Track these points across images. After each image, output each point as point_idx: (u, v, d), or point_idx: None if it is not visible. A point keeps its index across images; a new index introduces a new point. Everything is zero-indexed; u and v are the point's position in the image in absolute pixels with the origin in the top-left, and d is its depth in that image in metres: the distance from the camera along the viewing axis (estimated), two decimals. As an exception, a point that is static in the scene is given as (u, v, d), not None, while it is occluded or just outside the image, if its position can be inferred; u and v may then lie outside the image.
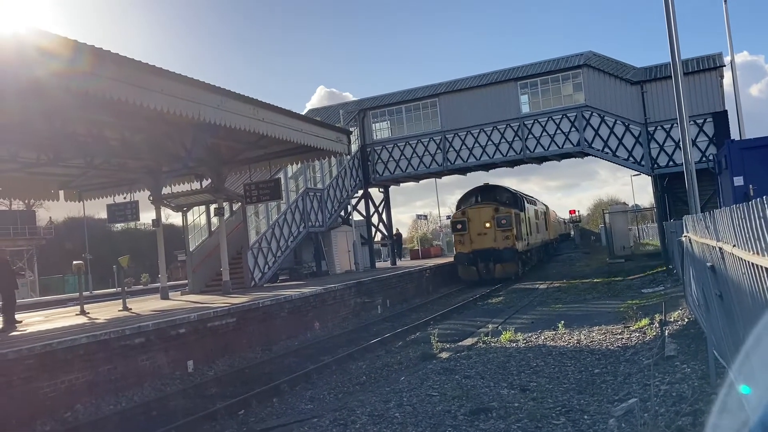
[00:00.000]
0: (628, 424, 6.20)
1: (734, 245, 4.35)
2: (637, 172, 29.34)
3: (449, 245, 37.43)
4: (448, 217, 39.11)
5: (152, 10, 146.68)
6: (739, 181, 14.99)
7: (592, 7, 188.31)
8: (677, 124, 14.78)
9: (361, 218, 32.37)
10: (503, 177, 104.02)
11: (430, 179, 35.20)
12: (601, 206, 70.81)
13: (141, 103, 11.62)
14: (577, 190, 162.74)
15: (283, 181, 21.72)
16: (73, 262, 15.98)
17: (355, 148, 28.85)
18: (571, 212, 72.77)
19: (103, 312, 15.95)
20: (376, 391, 8.92)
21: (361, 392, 9.42)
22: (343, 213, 29.80)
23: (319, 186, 26.97)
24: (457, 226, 27.32)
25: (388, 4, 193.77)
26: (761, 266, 3.55)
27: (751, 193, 13.83)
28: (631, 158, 25.96)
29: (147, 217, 22.51)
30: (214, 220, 22.31)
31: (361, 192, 31.77)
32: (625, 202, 60.69)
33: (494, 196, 28.82)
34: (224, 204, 21.08)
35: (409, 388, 8.75)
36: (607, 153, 26.37)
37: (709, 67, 24.53)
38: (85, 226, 49.54)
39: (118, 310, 15.50)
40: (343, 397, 9.41)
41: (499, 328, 13.69)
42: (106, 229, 57.86)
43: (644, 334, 11.20)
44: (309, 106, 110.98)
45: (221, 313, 13.24)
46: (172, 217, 46.25)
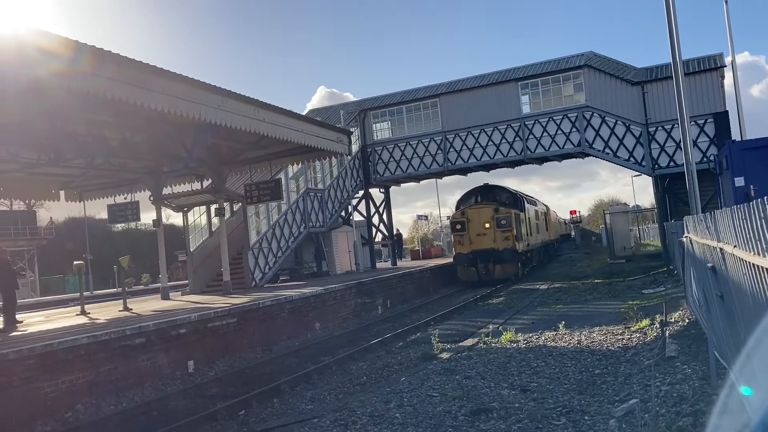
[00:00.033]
0: (629, 425, 6.19)
1: (735, 246, 4.35)
2: (637, 173, 29.32)
3: (450, 246, 37.38)
4: (449, 218, 39.08)
5: (152, 11, 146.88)
6: (740, 182, 15.00)
7: (593, 8, 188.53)
8: (678, 125, 14.80)
9: (362, 218, 32.39)
10: (504, 177, 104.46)
11: (431, 180, 35.19)
12: (602, 207, 70.77)
13: (142, 104, 11.62)
14: (578, 190, 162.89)
15: (283, 182, 21.71)
16: (74, 263, 15.99)
17: (355, 148, 28.87)
18: (571, 213, 72.95)
19: (104, 312, 15.96)
20: (377, 392, 8.92)
21: (361, 393, 9.42)
22: (343, 213, 29.80)
23: (320, 186, 26.96)
24: (457, 227, 27.22)
25: (388, 4, 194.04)
26: (762, 267, 3.55)
27: (752, 194, 13.82)
28: (632, 159, 25.95)
29: (147, 217, 22.52)
30: (215, 221, 22.32)
31: (361, 192, 31.78)
32: (625, 203, 60.71)
33: (494, 197, 28.67)
34: (225, 204, 21.09)
35: (410, 388, 8.74)
36: (608, 153, 26.37)
37: (710, 68, 24.52)
38: (85, 227, 49.58)
39: (119, 311, 15.51)
40: (343, 397, 9.40)
41: (500, 329, 13.67)
42: (107, 230, 57.91)
43: (645, 334, 11.20)
44: (309, 106, 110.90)
45: (222, 313, 13.24)
46: (173, 218, 46.22)
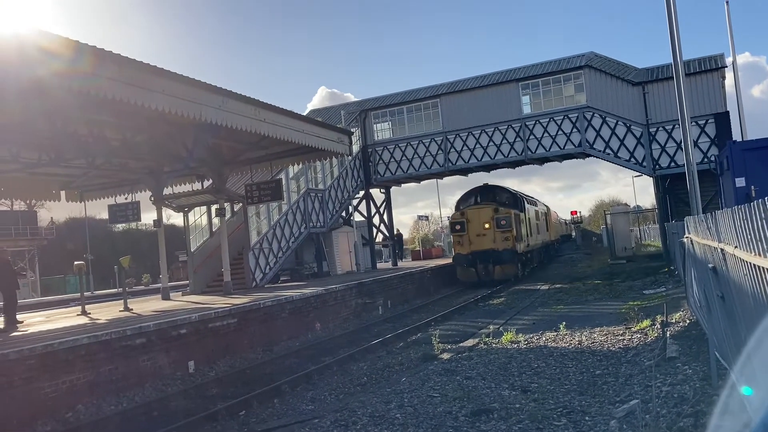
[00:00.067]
0: (630, 426, 6.19)
1: (736, 246, 4.35)
2: (638, 173, 29.32)
3: (450, 246, 37.38)
4: (449, 218, 39.08)
5: (152, 11, 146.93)
6: (740, 182, 15.01)
7: (594, 8, 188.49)
8: (679, 125, 14.79)
9: (363, 219, 32.38)
10: (504, 178, 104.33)
11: (432, 180, 35.19)
12: (603, 207, 70.75)
13: (142, 104, 11.63)
14: (579, 191, 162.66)
15: (284, 182, 21.71)
16: (75, 263, 15.98)
17: (356, 148, 28.88)
18: (572, 213, 72.91)
19: (105, 312, 15.96)
20: (377, 392, 8.91)
21: (362, 393, 9.41)
22: (344, 214, 29.81)
23: (321, 186, 26.96)
24: (456, 227, 27.14)
25: (389, 4, 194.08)
26: (763, 267, 3.55)
27: (753, 195, 13.82)
28: (633, 159, 25.94)
29: (148, 217, 22.46)
30: (216, 221, 22.32)
31: (362, 193, 31.78)
32: (626, 203, 60.68)
33: (494, 197, 28.58)
34: (225, 204, 21.09)
35: (410, 389, 8.74)
36: (609, 154, 26.36)
37: (711, 68, 24.52)
38: (86, 227, 49.59)
39: (120, 311, 15.51)
40: (344, 397, 9.40)
41: (501, 329, 13.67)
42: (108, 230, 57.94)
43: (646, 335, 11.19)
44: (310, 106, 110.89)
45: (222, 313, 13.24)
46: (174, 218, 46.30)
